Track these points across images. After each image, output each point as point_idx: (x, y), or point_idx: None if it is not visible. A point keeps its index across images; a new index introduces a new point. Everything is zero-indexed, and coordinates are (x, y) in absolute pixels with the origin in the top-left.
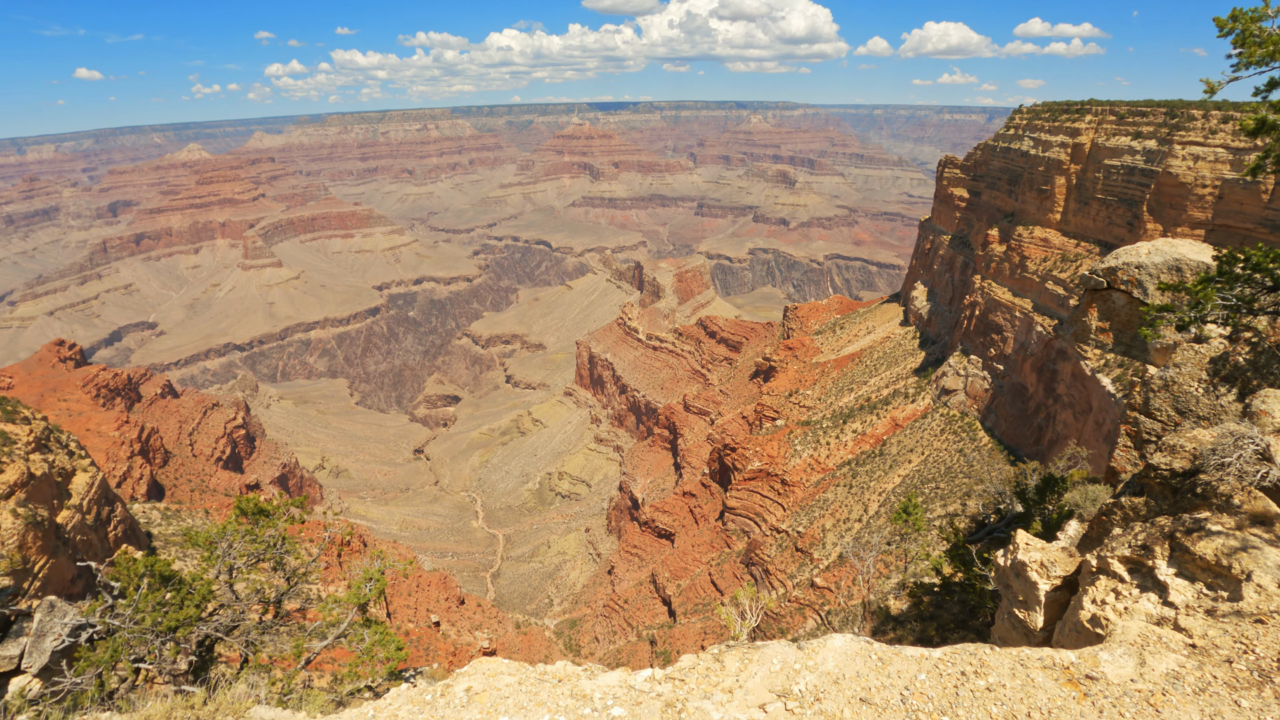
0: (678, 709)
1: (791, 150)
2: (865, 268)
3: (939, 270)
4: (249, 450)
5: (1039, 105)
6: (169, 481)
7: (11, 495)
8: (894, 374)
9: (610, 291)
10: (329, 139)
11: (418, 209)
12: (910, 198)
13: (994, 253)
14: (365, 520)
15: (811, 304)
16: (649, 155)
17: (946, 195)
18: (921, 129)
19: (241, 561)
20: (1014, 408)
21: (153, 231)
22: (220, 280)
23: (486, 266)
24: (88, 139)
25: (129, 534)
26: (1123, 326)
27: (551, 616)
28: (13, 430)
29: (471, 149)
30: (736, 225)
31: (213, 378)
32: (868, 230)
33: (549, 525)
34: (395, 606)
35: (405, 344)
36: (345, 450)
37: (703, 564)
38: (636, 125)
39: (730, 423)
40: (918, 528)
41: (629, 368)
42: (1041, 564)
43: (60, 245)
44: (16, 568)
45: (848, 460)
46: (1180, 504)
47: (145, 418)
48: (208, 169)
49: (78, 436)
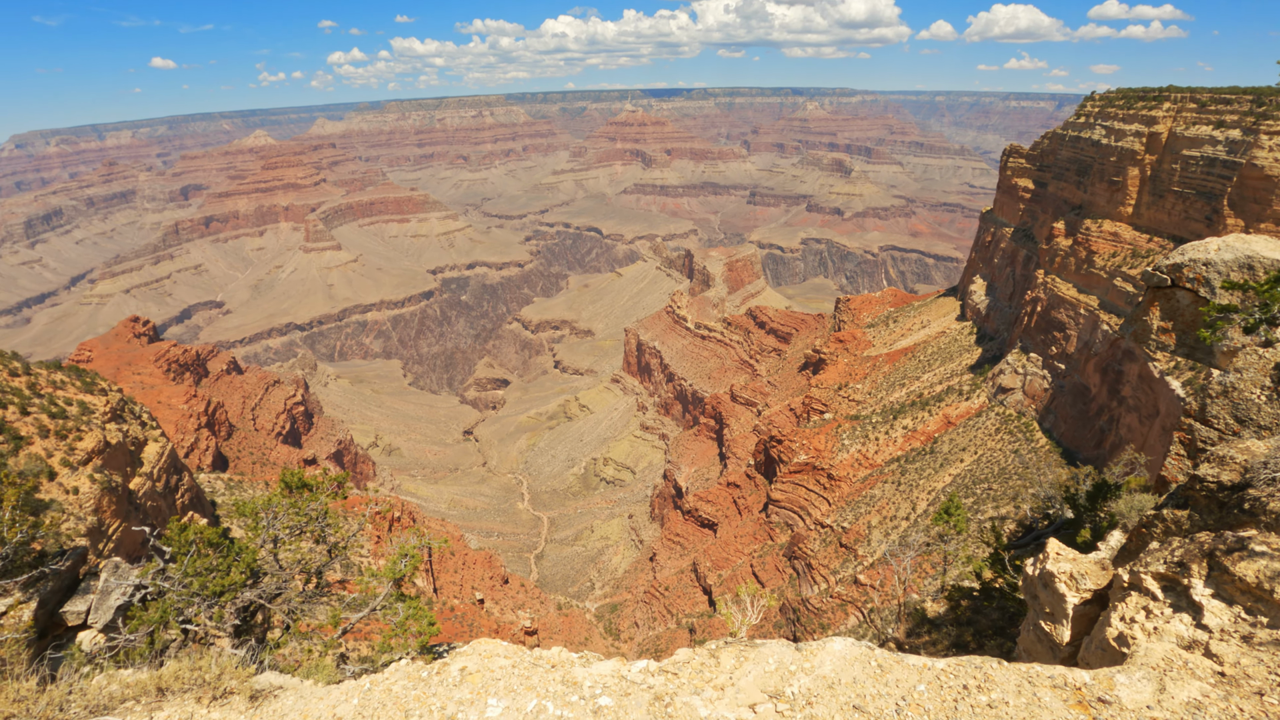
0: (665, 703)
1: (848, 138)
2: (921, 260)
3: (999, 264)
4: (307, 426)
5: (1113, 92)
6: (232, 454)
7: (89, 462)
8: (948, 370)
9: (660, 279)
10: (387, 125)
11: (472, 195)
12: (971, 188)
13: (1059, 247)
14: (415, 498)
15: (864, 296)
16: (702, 142)
17: (1010, 186)
18: (985, 116)
19: (284, 532)
20: (1074, 409)
21: (221, 214)
22: (283, 262)
23: (538, 252)
24: (162, 125)
25: (195, 502)
26: (1186, 327)
27: (593, 600)
28: (91, 401)
29: (525, 135)
30: (789, 214)
31: (274, 355)
32: (925, 221)
33: (593, 510)
34: (442, 582)
35: (457, 327)
36: (398, 429)
37: (745, 555)
38: (690, 112)
39: (777, 414)
40: (959, 529)
41: (677, 356)
42: (1071, 575)
43: (136, 227)
44: (92, 529)
45: (897, 457)
46: (1226, 520)
47: (212, 392)
48: (272, 155)
49: (149, 408)
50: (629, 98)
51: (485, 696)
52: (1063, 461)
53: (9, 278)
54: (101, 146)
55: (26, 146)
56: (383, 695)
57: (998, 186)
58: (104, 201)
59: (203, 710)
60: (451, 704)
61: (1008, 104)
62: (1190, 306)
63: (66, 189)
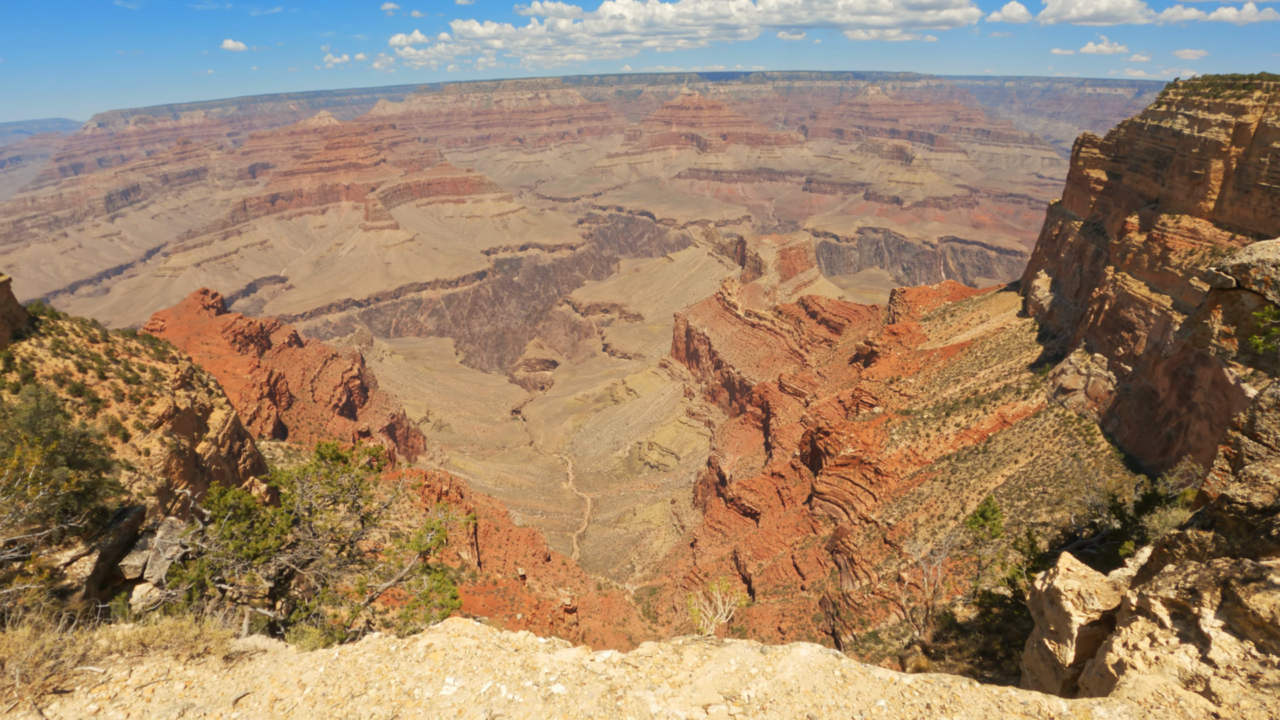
0: (617, 695)
1: (910, 124)
2: (983, 252)
3: (1066, 259)
4: (362, 399)
5: (1198, 79)
6: (291, 423)
7: (160, 426)
8: (1006, 368)
9: (711, 265)
10: (446, 107)
11: (526, 177)
12: (1040, 179)
13: (1132, 242)
14: (463, 473)
15: (921, 288)
16: (758, 127)
17: (1081, 177)
18: (1058, 104)
19: (318, 501)
20: (1140, 414)
21: (286, 192)
22: (343, 240)
23: (590, 235)
24: (232, 105)
25: (255, 468)
26: (1250, 333)
27: (632, 582)
28: (163, 368)
29: (581, 118)
30: (846, 202)
31: (333, 330)
32: (989, 212)
33: (636, 493)
34: (486, 556)
35: (509, 308)
36: (448, 406)
37: (786, 546)
38: (747, 96)
39: (825, 406)
40: (995, 534)
41: (725, 343)
42: (1079, 594)
43: (207, 203)
44: (161, 489)
45: (947, 454)
46: (1253, 546)
47: (274, 364)
48: (335, 135)
49: (216, 377)
50: (685, 81)
51: (444, 675)
52: (1124, 468)
53: (91, 249)
54: (176, 125)
55: (108, 125)
56: (348, 666)
57: (1068, 177)
58: (178, 179)
59: (179, 667)
60: (411, 679)
61: (1082, 90)
62: (1256, 311)
63: (143, 166)
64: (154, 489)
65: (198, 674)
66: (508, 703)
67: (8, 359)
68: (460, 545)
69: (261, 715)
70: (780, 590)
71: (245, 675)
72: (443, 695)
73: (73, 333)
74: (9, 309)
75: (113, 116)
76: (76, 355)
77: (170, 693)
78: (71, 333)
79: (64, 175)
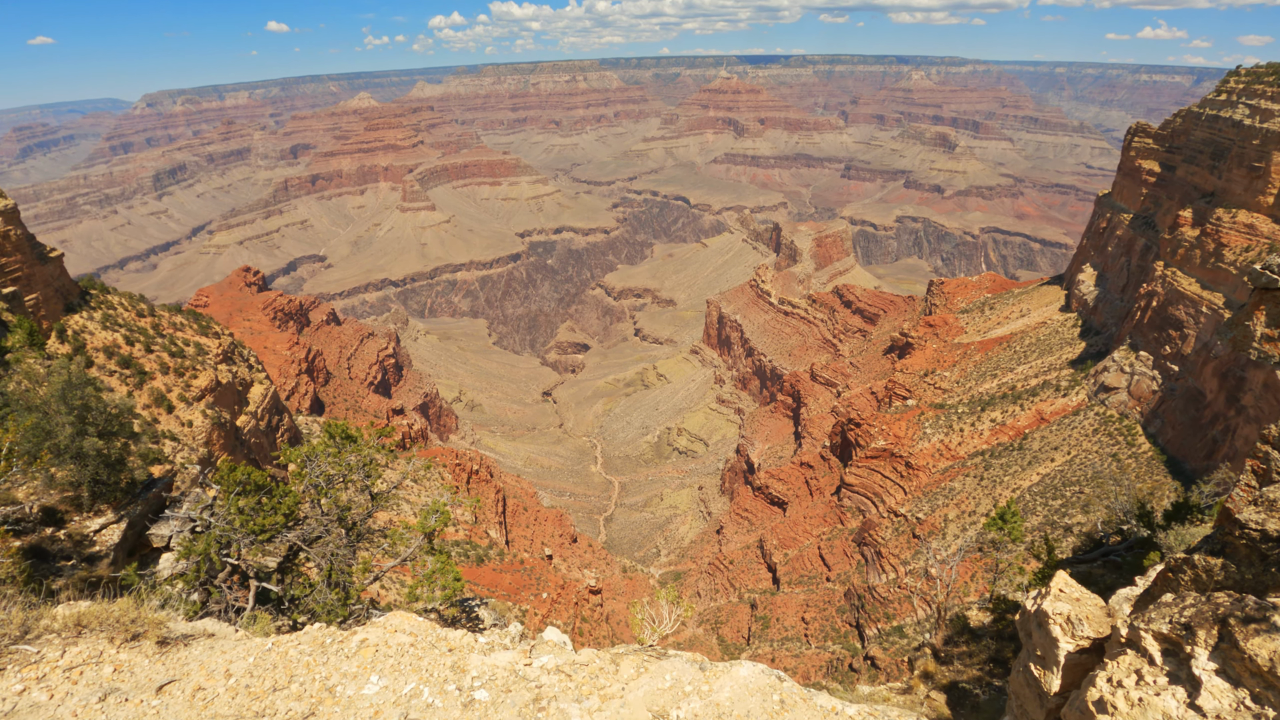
0: (540, 706)
1: (954, 110)
2: (1026, 244)
3: (1113, 253)
4: (397, 378)
5: (1262, 67)
6: (328, 399)
7: (202, 399)
8: (1045, 364)
9: (745, 252)
10: (483, 89)
11: (562, 160)
12: (1089, 169)
13: (1183, 237)
14: (493, 453)
15: (960, 280)
16: (797, 112)
17: (1133, 168)
18: (1111, 91)
19: (323, 480)
20: (1185, 415)
21: (325, 173)
22: (380, 220)
23: (624, 219)
24: (275, 87)
25: (293, 441)
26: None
27: (658, 566)
28: (206, 343)
29: (617, 101)
30: (885, 190)
31: (370, 309)
32: (1033, 203)
33: (664, 478)
34: (514, 535)
35: (542, 290)
36: (480, 386)
37: (813, 537)
38: (786, 80)
39: (857, 397)
40: (1015, 537)
41: (758, 331)
42: (1068, 619)
43: (250, 182)
44: (203, 459)
45: (981, 450)
46: (1263, 578)
47: (312, 341)
48: (374, 116)
49: (256, 353)
50: (723, 64)
51: (370, 672)
52: (1165, 470)
53: (139, 227)
54: (221, 106)
55: (156, 105)
56: (278, 657)
57: (1119, 168)
58: (222, 158)
59: (112, 650)
60: (336, 675)
61: (1137, 78)
62: None
63: (190, 146)
64: (196, 459)
65: (130, 658)
66: (426, 706)
67: (60, 330)
68: (489, 524)
69: (181, 704)
70: (805, 581)
71: (177, 661)
72: (364, 694)
73: (121, 307)
74: (62, 283)
75: (160, 97)
76: (125, 329)
77: (99, 676)
78: (120, 307)
79: (114, 154)
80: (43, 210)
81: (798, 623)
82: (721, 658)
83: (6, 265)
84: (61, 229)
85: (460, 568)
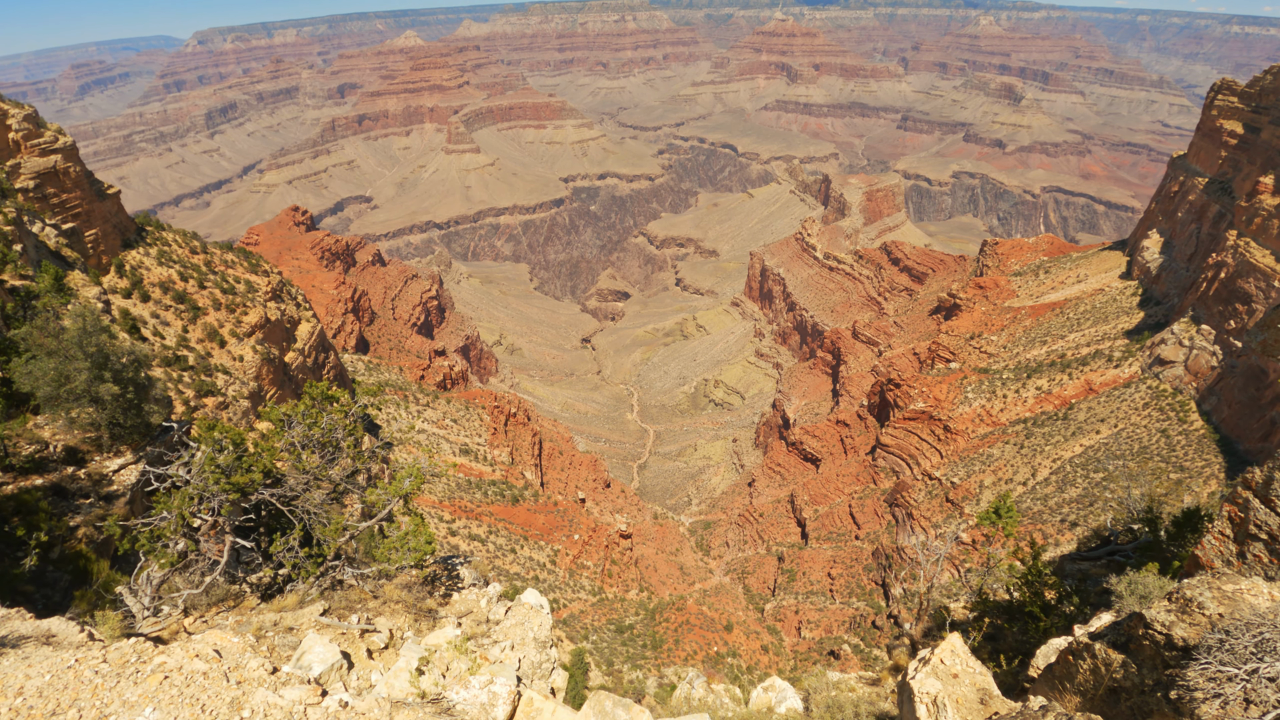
0: None
1: (1023, 60)
2: (1090, 206)
3: (1183, 219)
4: (439, 319)
5: None
6: (373, 339)
7: (253, 335)
8: (1099, 332)
9: (792, 204)
10: (530, 28)
11: (608, 103)
12: (1165, 127)
13: (1262, 205)
14: (532, 397)
15: (1016, 241)
16: (854, 58)
17: (1213, 128)
18: (1198, 43)
19: (299, 440)
20: (1244, 394)
21: (372, 113)
22: (425, 162)
23: (669, 167)
24: (323, 24)
25: (338, 379)
26: None
27: (688, 515)
28: (256, 280)
29: (667, 43)
30: (943, 144)
31: (414, 251)
32: (1101, 162)
33: (698, 429)
34: (549, 478)
35: (584, 236)
36: (520, 330)
37: (844, 495)
38: (845, 23)
39: (899, 357)
40: (1009, 533)
41: (801, 285)
42: (935, 701)
43: (298, 122)
44: (253, 394)
45: (1024, 418)
46: (1149, 701)
47: (358, 281)
48: (420, 56)
49: (304, 291)
50: (779, 5)
51: (147, 704)
52: (1217, 449)
53: (193, 164)
54: (270, 44)
55: (207, 43)
56: (71, 677)
57: (1197, 128)
58: (271, 97)
59: None
60: (117, 703)
61: (1227, 29)
62: None
63: (240, 84)
64: (247, 393)
65: None
66: None
67: (119, 265)
68: (525, 465)
69: None
70: (834, 537)
71: None
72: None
73: (175, 244)
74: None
75: (211, 34)
76: (179, 265)
77: None
78: (175, 244)
79: (168, 92)
80: (101, 147)
81: (824, 578)
82: (746, 607)
83: (67, 201)
84: (119, 165)
85: (495, 507)
